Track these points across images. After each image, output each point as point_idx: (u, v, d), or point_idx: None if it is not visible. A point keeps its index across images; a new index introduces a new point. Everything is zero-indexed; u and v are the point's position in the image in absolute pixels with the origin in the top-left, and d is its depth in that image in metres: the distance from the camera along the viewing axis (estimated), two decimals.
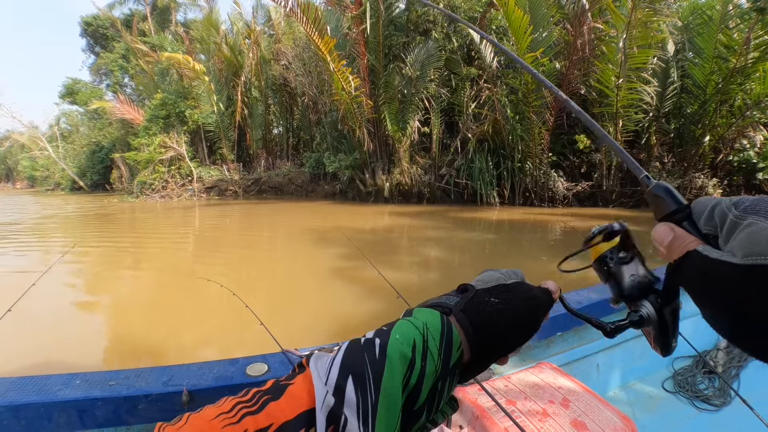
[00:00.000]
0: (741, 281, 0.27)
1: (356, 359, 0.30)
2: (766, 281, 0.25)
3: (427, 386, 0.31)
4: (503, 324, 0.36)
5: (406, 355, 0.31)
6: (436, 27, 12.33)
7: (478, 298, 0.37)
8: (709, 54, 9.43)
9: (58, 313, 3.99)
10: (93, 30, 30.09)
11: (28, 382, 1.02)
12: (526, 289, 0.39)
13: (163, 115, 17.91)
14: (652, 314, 0.38)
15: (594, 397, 1.16)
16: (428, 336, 0.32)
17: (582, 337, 1.63)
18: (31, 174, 41.59)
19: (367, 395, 0.29)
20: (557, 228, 8.49)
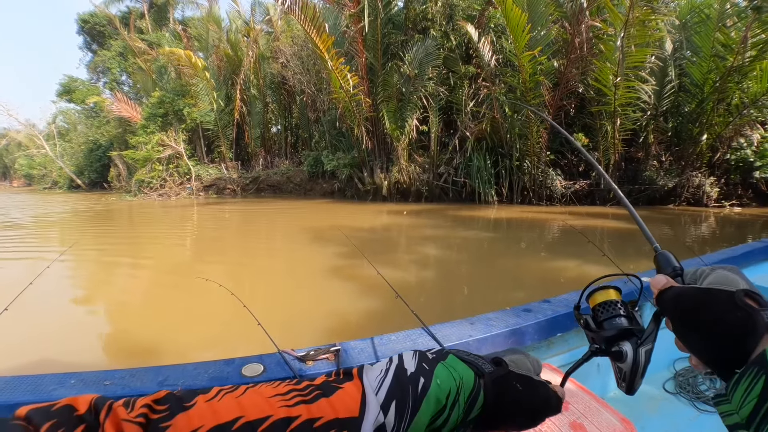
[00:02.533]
0: (699, 296, 0.40)
1: (402, 390, 0.35)
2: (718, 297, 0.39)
3: (447, 430, 0.36)
4: (515, 411, 0.41)
5: (440, 401, 0.36)
6: (435, 25, 12.31)
7: (508, 379, 0.42)
8: (707, 52, 9.45)
9: (54, 312, 3.98)
10: (90, 27, 29.94)
11: (22, 381, 1.01)
12: (545, 393, 0.45)
13: (161, 113, 17.85)
14: (630, 352, 0.47)
15: (593, 398, 1.15)
16: (461, 391, 0.38)
17: (583, 338, 1.60)
18: (28, 172, 41.46)
19: (402, 422, 0.33)
20: (555, 226, 8.52)
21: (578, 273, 4.86)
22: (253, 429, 0.28)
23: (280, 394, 0.32)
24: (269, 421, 0.29)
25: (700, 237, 7.23)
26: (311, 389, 0.33)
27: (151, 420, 0.28)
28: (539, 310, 1.49)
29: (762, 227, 8.07)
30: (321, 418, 0.30)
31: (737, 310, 0.37)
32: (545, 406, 0.44)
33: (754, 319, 0.36)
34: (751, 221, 8.66)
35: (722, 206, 10.04)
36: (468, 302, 4.17)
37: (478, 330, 1.33)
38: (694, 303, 0.41)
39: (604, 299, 0.52)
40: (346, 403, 0.32)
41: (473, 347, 1.28)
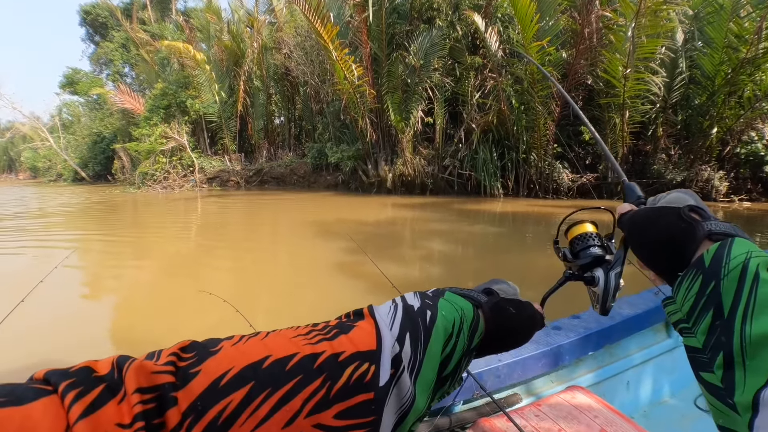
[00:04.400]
0: (650, 214, 0.47)
1: (413, 321, 0.37)
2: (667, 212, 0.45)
3: (455, 359, 0.39)
4: (512, 331, 0.47)
5: (447, 330, 0.38)
6: (440, 15, 12.11)
7: (502, 304, 0.47)
8: (719, 44, 9.23)
9: (60, 312, 3.96)
10: (92, 19, 29.80)
11: None
12: (532, 310, 0.50)
13: (164, 105, 17.78)
14: (602, 276, 0.51)
15: (634, 427, 1.08)
16: (464, 320, 0.41)
17: (612, 354, 1.56)
18: (33, 165, 41.63)
19: (417, 352, 0.35)
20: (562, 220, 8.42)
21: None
22: (283, 366, 0.29)
23: (302, 334, 0.33)
24: (297, 357, 0.30)
25: None
26: (329, 329, 0.34)
27: (179, 368, 0.27)
28: (570, 328, 1.42)
29: None
30: (344, 353, 0.32)
31: (681, 221, 0.43)
32: (533, 322, 0.50)
33: (694, 227, 0.42)
34: (760, 216, 8.53)
35: (731, 201, 9.89)
36: None
37: (507, 353, 1.27)
38: (645, 220, 0.47)
39: (580, 232, 0.57)
40: (363, 338, 0.34)
41: (503, 372, 1.23)
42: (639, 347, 1.62)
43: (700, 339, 0.36)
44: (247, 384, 0.28)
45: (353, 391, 0.31)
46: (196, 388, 0.27)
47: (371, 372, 0.32)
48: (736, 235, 0.40)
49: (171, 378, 0.26)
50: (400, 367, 0.33)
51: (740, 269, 0.35)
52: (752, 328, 0.31)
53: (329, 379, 0.30)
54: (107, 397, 0.24)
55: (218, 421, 0.26)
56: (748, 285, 0.34)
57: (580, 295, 2.58)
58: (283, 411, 0.28)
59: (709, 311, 0.36)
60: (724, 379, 0.33)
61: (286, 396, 0.28)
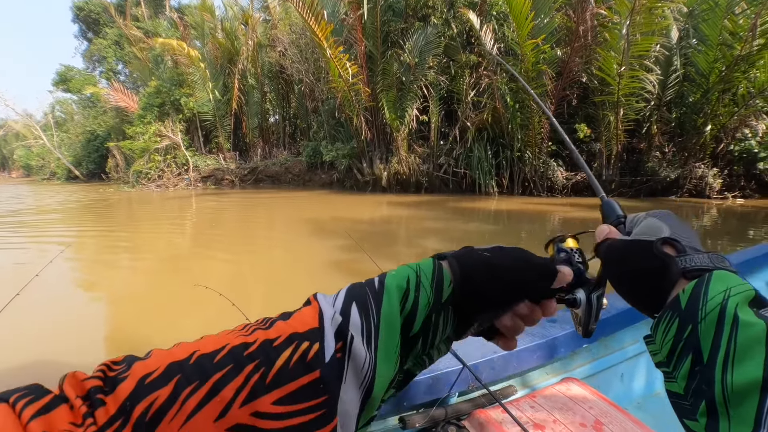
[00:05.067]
0: (625, 248, 0.44)
1: (359, 290, 0.35)
2: (639, 247, 0.42)
3: (421, 316, 0.36)
4: (492, 277, 0.39)
5: (401, 286, 0.36)
6: (435, 12, 12.06)
7: (473, 251, 0.42)
8: (714, 41, 9.25)
9: (54, 309, 3.93)
10: (85, 15, 29.51)
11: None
12: (521, 252, 0.43)
13: (158, 103, 17.63)
14: (584, 299, 0.48)
15: (628, 418, 1.09)
16: (421, 274, 0.38)
17: (607, 347, 1.58)
18: (26, 163, 41.27)
19: (370, 318, 0.33)
20: (556, 218, 8.43)
21: None
22: (211, 359, 0.29)
23: (237, 330, 0.32)
24: (226, 349, 0.29)
25: (703, 229, 7.14)
26: (268, 320, 0.33)
27: (108, 377, 0.28)
28: (565, 320, 1.42)
29: (764, 219, 7.98)
30: (279, 337, 0.31)
31: (653, 259, 0.40)
32: (521, 263, 0.41)
33: (667, 265, 0.39)
34: (753, 213, 8.58)
35: (725, 198, 9.94)
36: None
37: None
38: (620, 254, 0.44)
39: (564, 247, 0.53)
40: (303, 320, 0.32)
41: (498, 364, 1.23)
42: (633, 340, 1.63)
43: (680, 384, 0.34)
44: (173, 379, 0.27)
45: (294, 374, 0.29)
46: (123, 391, 0.26)
47: (313, 350, 0.30)
48: (714, 268, 0.37)
49: (99, 383, 0.27)
50: (347, 337, 0.32)
51: (718, 311, 0.33)
52: (734, 377, 0.29)
53: (263, 365, 0.29)
54: (58, 402, 0.25)
55: (145, 417, 0.25)
56: (726, 330, 0.31)
57: None
58: (214, 402, 0.27)
59: (687, 356, 0.33)
60: (708, 428, 0.31)
61: (215, 387, 0.27)
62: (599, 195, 0.60)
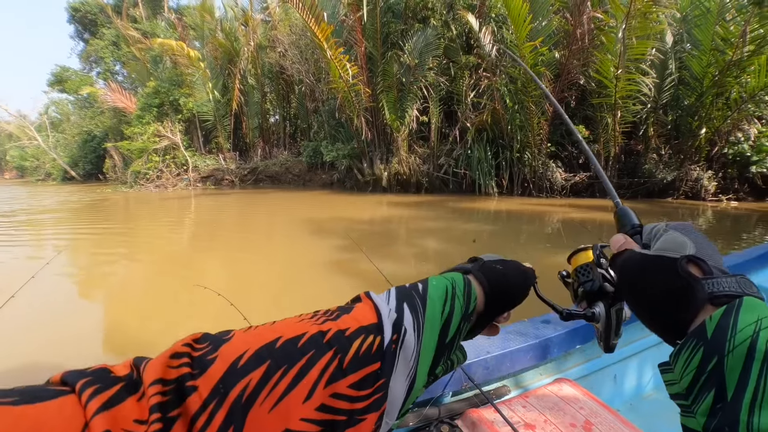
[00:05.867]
0: (645, 264, 0.41)
1: (408, 292, 0.39)
2: (662, 264, 0.39)
3: (455, 323, 0.40)
4: (507, 285, 0.46)
5: (441, 296, 0.40)
6: (435, 14, 12.19)
7: (489, 264, 0.47)
8: (707, 46, 9.44)
9: (50, 310, 3.92)
10: (81, 16, 29.34)
11: None
12: (519, 264, 0.50)
13: (157, 104, 17.60)
14: (603, 313, 0.48)
15: (617, 419, 1.11)
16: (456, 286, 0.42)
17: (600, 349, 1.60)
18: (20, 164, 40.80)
19: (418, 317, 0.37)
20: (555, 219, 8.56)
21: None
22: (295, 344, 0.31)
23: (307, 318, 0.35)
24: (307, 336, 0.32)
25: (699, 231, 7.28)
26: (332, 311, 0.37)
27: (194, 357, 0.29)
28: (558, 322, 1.41)
29: (758, 221, 8.14)
30: (349, 328, 0.34)
31: (677, 279, 0.37)
32: (525, 276, 0.49)
33: (693, 288, 0.36)
34: (746, 215, 8.74)
35: (719, 200, 10.12)
36: None
37: (495, 345, 1.27)
38: (638, 272, 0.42)
39: (583, 261, 0.52)
40: (365, 315, 0.36)
41: (492, 364, 1.24)
42: (627, 341, 1.63)
43: (699, 421, 0.31)
44: (264, 363, 0.29)
45: (363, 363, 0.32)
46: (215, 372, 0.28)
47: (377, 343, 0.34)
48: (743, 294, 0.34)
49: (187, 369, 0.27)
50: (401, 330, 0.35)
51: (748, 345, 0.30)
52: (761, 420, 0.27)
53: (339, 351, 0.32)
54: (125, 394, 0.25)
55: (241, 400, 0.27)
56: (756, 366, 0.29)
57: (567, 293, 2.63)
58: (301, 385, 0.29)
59: (710, 391, 0.31)
60: None
61: (302, 370, 0.30)
62: (614, 201, 0.57)
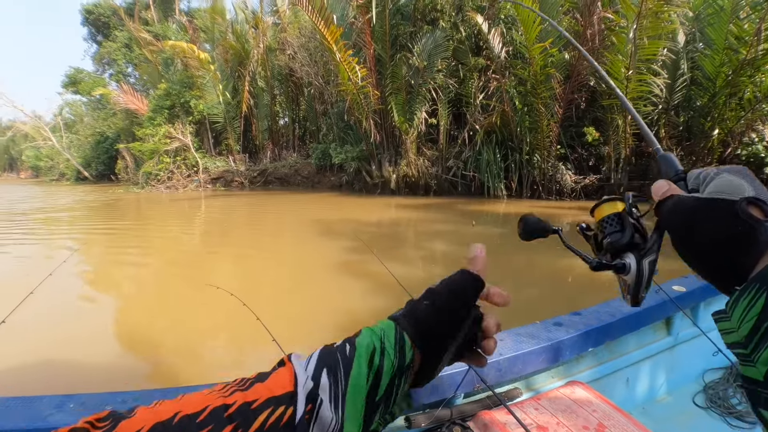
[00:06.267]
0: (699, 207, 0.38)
1: (330, 356, 0.37)
2: (719, 207, 0.37)
3: (385, 380, 0.37)
4: (433, 320, 0.40)
5: (367, 354, 0.37)
6: (444, 16, 12.18)
7: (412, 305, 0.42)
8: (720, 45, 9.30)
9: (64, 308, 4.04)
10: (94, 18, 29.82)
11: (18, 402, 0.95)
12: (449, 282, 0.43)
13: (168, 106, 17.86)
14: (634, 263, 0.46)
15: (631, 422, 1.11)
16: (385, 340, 0.39)
17: (612, 351, 1.60)
18: (35, 164, 41.69)
19: (338, 383, 0.35)
20: (565, 222, 8.53)
21: (587, 270, 4.87)
22: (193, 419, 0.30)
23: (217, 390, 0.34)
24: (208, 410, 0.31)
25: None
26: (246, 381, 0.35)
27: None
28: (570, 324, 1.43)
29: None
30: (257, 400, 0.32)
31: (738, 222, 0.35)
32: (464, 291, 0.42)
33: (755, 231, 0.34)
34: None
35: None
36: None
37: (508, 347, 1.28)
38: (692, 215, 0.39)
39: (610, 212, 0.50)
40: (280, 383, 0.34)
41: (504, 366, 1.25)
42: (639, 345, 1.64)
43: (761, 370, 0.30)
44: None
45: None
46: None
47: (288, 414, 0.32)
48: None
49: None
50: (317, 400, 0.33)
51: None
52: None
53: (241, 426, 0.30)
54: None
55: None
56: None
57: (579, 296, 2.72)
58: None
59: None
60: None
61: None
62: (654, 147, 0.55)
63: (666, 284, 1.76)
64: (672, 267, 3.21)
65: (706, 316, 1.85)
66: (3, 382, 2.64)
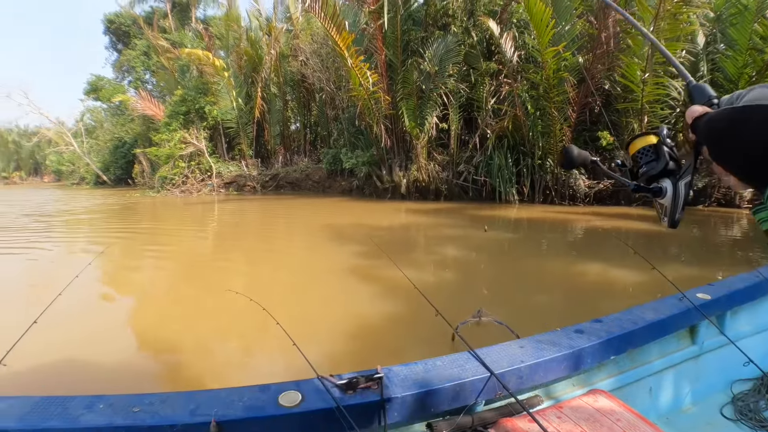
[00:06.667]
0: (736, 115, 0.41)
1: None
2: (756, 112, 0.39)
3: None
4: None
5: None
6: (455, 21, 12.14)
7: None
8: (743, 46, 9.04)
9: (86, 309, 4.12)
10: (115, 27, 30.77)
11: (51, 402, 1.00)
12: None
13: (183, 111, 18.22)
14: (670, 187, 0.49)
15: (643, 421, 1.10)
16: None
17: (634, 360, 1.56)
18: (57, 168, 42.98)
19: None
20: (579, 227, 8.33)
21: (603, 276, 4.74)
22: None
23: None
24: None
25: (733, 239, 6.96)
26: None
27: None
28: (591, 332, 1.42)
29: None
30: None
31: None
32: None
33: None
34: None
35: None
36: (492, 304, 4.11)
37: (528, 354, 1.28)
38: (728, 122, 0.41)
39: (644, 144, 0.54)
40: None
41: (525, 374, 1.24)
42: (662, 353, 1.61)
43: None
44: None
45: None
46: None
47: None
48: None
49: None
50: None
51: None
52: None
53: None
54: None
55: None
56: None
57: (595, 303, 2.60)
58: None
59: None
60: None
61: None
62: (686, 80, 0.57)
63: (690, 291, 1.72)
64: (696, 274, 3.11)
65: (733, 324, 1.79)
66: (34, 380, 2.69)
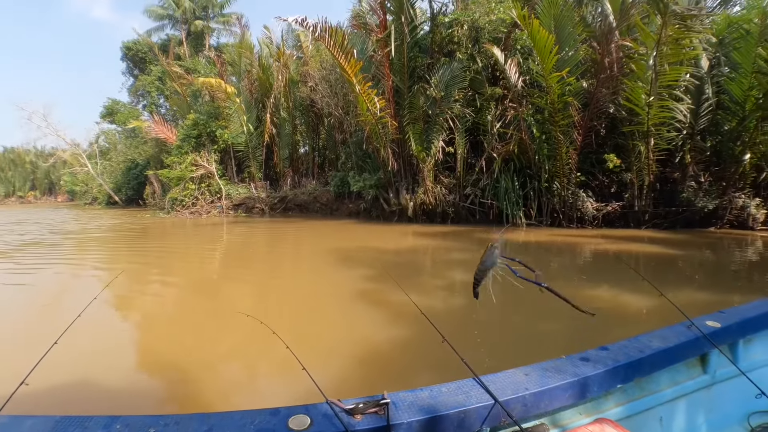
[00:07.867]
0: None
1: None
2: None
3: None
4: None
5: None
6: (461, 48, 12.44)
7: None
8: (748, 69, 9.11)
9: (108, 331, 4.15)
10: (133, 54, 32.02)
11: (71, 422, 1.03)
12: None
13: (195, 135, 18.70)
14: None
15: None
16: None
17: (643, 388, 1.52)
18: (71, 188, 43.95)
19: None
20: (587, 251, 8.25)
21: (611, 302, 4.66)
22: None
23: None
24: None
25: (748, 262, 6.82)
26: None
27: None
28: (598, 359, 1.39)
29: None
30: None
31: None
32: None
33: None
34: None
35: None
36: (499, 329, 4.06)
37: (533, 382, 1.26)
38: None
39: None
40: None
41: (530, 401, 1.23)
42: (672, 382, 1.57)
43: None
44: None
45: None
46: None
47: None
48: None
49: None
50: None
51: None
52: None
53: None
54: None
55: None
56: None
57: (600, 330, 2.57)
58: None
59: None
60: None
61: None
62: None
63: (699, 319, 1.67)
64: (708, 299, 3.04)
65: (746, 354, 1.73)
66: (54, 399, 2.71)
